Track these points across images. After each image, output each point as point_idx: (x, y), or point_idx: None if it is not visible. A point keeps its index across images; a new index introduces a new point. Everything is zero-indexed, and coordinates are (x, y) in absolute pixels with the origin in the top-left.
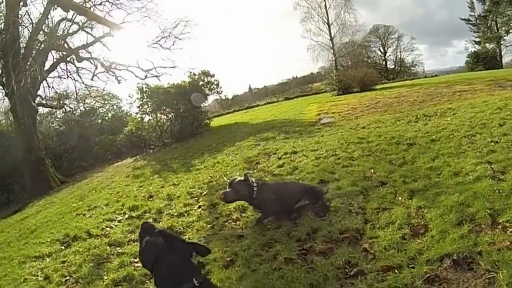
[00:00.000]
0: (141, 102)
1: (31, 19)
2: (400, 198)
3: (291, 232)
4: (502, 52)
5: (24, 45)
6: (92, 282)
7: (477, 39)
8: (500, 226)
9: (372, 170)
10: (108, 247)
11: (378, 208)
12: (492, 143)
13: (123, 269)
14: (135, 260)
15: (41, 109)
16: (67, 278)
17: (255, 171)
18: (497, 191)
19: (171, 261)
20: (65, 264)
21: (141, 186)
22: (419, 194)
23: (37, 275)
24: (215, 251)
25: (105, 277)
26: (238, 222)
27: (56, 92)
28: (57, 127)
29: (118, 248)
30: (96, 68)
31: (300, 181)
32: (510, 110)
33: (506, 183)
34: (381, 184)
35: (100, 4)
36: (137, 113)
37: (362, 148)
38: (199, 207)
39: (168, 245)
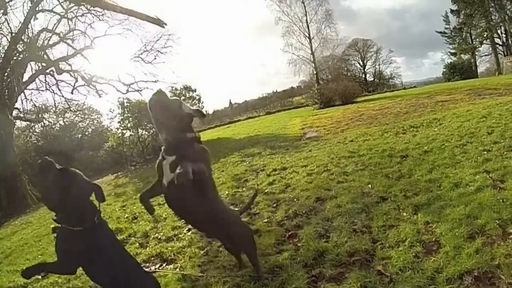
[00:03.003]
0: (122, 117)
1: (10, 28)
2: (405, 214)
3: (296, 257)
4: (477, 62)
5: (2, 55)
6: None
7: (453, 51)
8: (511, 237)
9: (369, 185)
10: None
11: (384, 225)
12: (485, 152)
13: None
14: None
15: (19, 123)
16: None
17: (244, 189)
18: (501, 201)
19: (77, 199)
20: None
21: (123, 206)
22: (423, 208)
23: None
24: (213, 282)
25: None
26: None
27: (34, 105)
28: (35, 141)
29: None
30: (76, 81)
31: (295, 199)
32: (495, 118)
33: (508, 191)
34: (382, 200)
35: (82, 15)
36: (118, 129)
37: (355, 162)
38: (189, 230)
39: (74, 182)
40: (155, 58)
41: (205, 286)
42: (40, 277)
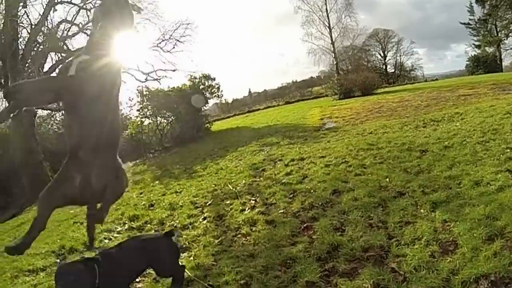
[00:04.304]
0: (141, 106)
1: (30, 19)
2: (422, 211)
3: (310, 250)
4: (502, 56)
5: (23, 47)
6: None
7: (477, 43)
8: None
9: (387, 179)
10: None
11: (401, 221)
12: (508, 150)
13: None
14: (137, 280)
15: (40, 112)
16: None
17: (261, 178)
18: None
19: None
20: None
21: (141, 193)
22: (442, 206)
23: None
24: (225, 272)
25: None
26: (248, 238)
27: None
28: (56, 129)
29: None
30: None
31: (312, 191)
32: None
33: None
34: (399, 195)
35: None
36: (137, 117)
37: (373, 155)
38: (204, 218)
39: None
40: (173, 47)
41: (217, 275)
42: (58, 260)
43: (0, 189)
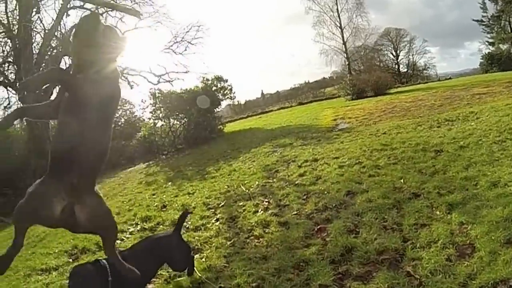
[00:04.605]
0: (154, 108)
1: (43, 25)
2: (438, 213)
3: (323, 252)
4: None
5: (37, 51)
6: None
7: (491, 40)
8: None
9: (402, 180)
10: None
11: (416, 224)
12: None
13: None
14: None
15: None
16: None
17: (275, 180)
18: None
19: None
20: None
21: (154, 194)
22: (458, 207)
23: None
24: (237, 274)
25: None
26: (261, 240)
27: None
28: None
29: None
30: None
31: (325, 192)
32: None
33: None
34: (414, 196)
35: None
36: (149, 119)
37: (387, 155)
38: (217, 220)
39: None
40: (185, 49)
41: (229, 277)
42: (71, 260)
43: (14, 191)
